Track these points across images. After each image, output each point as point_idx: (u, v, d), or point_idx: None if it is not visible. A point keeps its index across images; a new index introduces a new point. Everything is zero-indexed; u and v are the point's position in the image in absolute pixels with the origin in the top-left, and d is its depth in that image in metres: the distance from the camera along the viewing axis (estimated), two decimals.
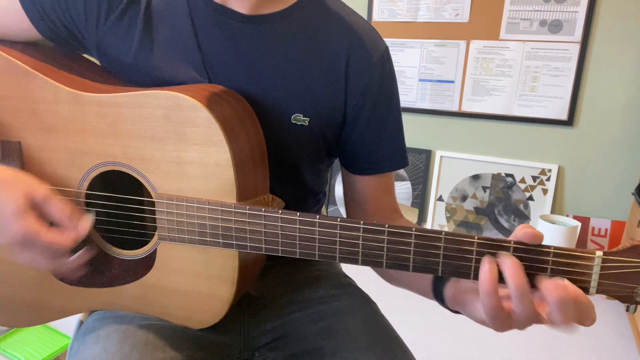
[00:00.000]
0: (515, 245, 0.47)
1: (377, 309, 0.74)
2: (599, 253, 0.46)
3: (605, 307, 2.04)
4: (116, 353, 0.59)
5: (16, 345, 1.49)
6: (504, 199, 2.40)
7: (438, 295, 0.59)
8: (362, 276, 0.76)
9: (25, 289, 0.70)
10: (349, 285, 0.78)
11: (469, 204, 2.48)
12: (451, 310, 0.58)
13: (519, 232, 0.47)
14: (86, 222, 0.58)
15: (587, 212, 2.29)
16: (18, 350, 1.47)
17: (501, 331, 0.48)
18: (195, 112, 0.57)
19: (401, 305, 2.00)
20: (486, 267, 0.46)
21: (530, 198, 2.35)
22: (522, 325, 0.48)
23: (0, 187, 0.55)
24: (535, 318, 0.46)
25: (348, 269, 0.88)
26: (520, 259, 0.47)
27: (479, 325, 1.83)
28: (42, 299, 0.69)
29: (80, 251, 0.59)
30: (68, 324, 1.60)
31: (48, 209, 0.56)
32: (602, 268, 0.46)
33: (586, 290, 0.46)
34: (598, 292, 0.46)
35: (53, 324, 1.61)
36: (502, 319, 0.47)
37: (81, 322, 0.75)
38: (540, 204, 2.33)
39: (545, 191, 2.32)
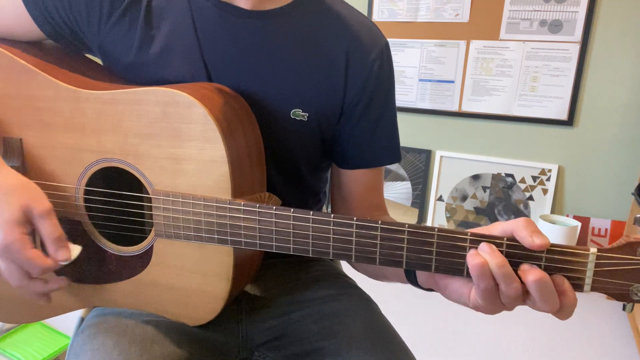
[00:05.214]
0: (508, 242, 0.46)
1: (377, 309, 0.74)
2: (593, 250, 0.45)
3: (604, 307, 2.04)
4: (114, 348, 0.59)
5: (16, 345, 1.49)
6: (504, 199, 2.40)
7: (412, 280, 0.60)
8: (363, 277, 0.76)
9: None
10: (350, 285, 0.78)
11: (469, 204, 2.47)
12: (424, 289, 0.59)
13: (515, 229, 0.46)
14: (66, 252, 0.56)
15: (587, 212, 2.28)
16: (18, 350, 1.47)
17: (492, 313, 0.48)
18: (191, 108, 0.57)
19: (402, 306, 1.99)
20: (472, 252, 0.47)
21: (530, 198, 2.35)
22: (510, 305, 0.48)
23: (5, 193, 0.55)
24: (520, 295, 0.46)
25: (348, 269, 0.88)
26: (514, 255, 0.46)
27: (478, 326, 1.81)
28: None
29: (52, 280, 0.59)
30: (68, 324, 1.60)
31: (40, 226, 0.56)
32: (597, 265, 0.45)
33: (580, 287, 0.46)
34: (593, 289, 0.46)
35: (53, 323, 1.61)
36: (492, 300, 0.47)
37: (82, 320, 0.75)
38: (540, 204, 2.33)
39: (545, 191, 2.32)
